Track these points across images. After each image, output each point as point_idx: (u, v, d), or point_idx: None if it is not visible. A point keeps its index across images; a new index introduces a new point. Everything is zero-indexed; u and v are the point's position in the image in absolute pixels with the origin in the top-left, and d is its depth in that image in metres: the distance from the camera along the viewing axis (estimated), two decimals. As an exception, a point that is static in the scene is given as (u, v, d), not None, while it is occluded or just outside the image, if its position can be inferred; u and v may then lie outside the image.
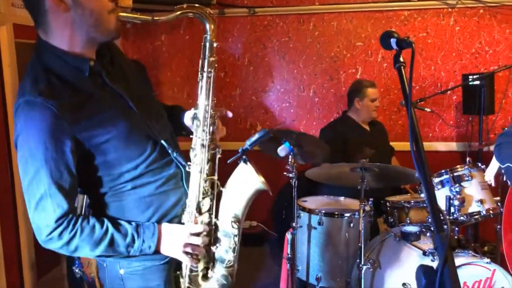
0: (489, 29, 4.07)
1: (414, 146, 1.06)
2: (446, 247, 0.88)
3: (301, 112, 4.43)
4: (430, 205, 0.97)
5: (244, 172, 1.54)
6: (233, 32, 4.37)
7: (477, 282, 2.40)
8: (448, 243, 0.90)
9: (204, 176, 1.51)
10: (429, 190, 0.98)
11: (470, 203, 2.59)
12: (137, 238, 1.42)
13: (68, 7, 1.31)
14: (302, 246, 3.01)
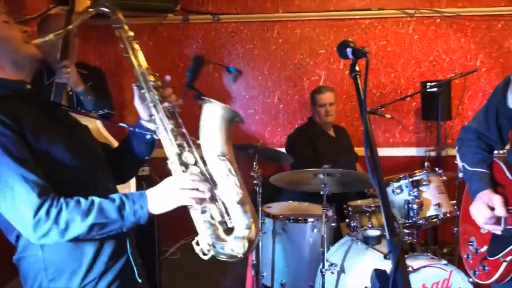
0: (446, 38, 4.23)
1: (369, 152, 1.09)
2: (398, 251, 0.91)
3: (266, 119, 4.46)
4: (384, 210, 1.00)
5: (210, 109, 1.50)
6: (198, 39, 4.37)
7: (435, 283, 2.47)
8: (400, 247, 0.93)
9: (172, 132, 1.47)
10: (383, 195, 1.01)
11: (428, 207, 2.67)
12: (126, 200, 1.36)
13: None
14: (267, 252, 3.03)
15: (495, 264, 1.64)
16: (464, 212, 1.89)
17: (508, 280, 1.64)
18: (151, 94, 1.49)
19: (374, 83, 4.31)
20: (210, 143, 1.48)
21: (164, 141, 1.48)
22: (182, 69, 4.39)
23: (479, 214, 1.64)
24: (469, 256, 1.80)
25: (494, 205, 1.60)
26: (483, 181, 1.69)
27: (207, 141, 1.49)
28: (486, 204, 1.62)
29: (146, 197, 1.37)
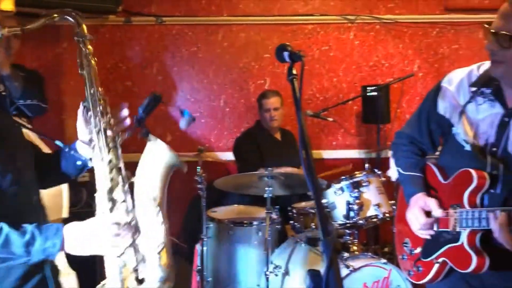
0: (385, 43, 4.39)
1: (304, 153, 1.10)
2: (331, 251, 0.92)
3: (212, 122, 4.43)
4: (318, 211, 1.01)
5: (154, 150, 1.47)
6: (140, 41, 4.28)
7: (376, 282, 2.55)
8: (333, 247, 0.94)
9: (108, 164, 1.41)
10: (317, 196, 1.03)
11: (368, 207, 2.74)
12: (38, 235, 1.28)
13: None
14: (212, 257, 3.01)
15: (429, 265, 1.70)
16: (399, 213, 1.95)
17: (441, 279, 1.71)
18: (97, 119, 1.42)
19: (318, 87, 4.39)
20: (145, 184, 1.44)
21: (97, 172, 1.42)
22: (125, 72, 4.29)
23: (415, 220, 1.68)
24: (404, 257, 1.85)
25: (430, 207, 1.65)
26: (416, 185, 1.74)
27: (142, 181, 1.45)
28: (421, 209, 1.67)
29: (62, 236, 1.30)
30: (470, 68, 1.68)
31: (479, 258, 1.51)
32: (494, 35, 1.45)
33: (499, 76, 1.53)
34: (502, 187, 1.54)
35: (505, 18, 1.44)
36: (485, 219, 1.47)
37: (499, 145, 1.55)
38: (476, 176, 1.54)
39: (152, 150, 1.47)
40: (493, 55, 1.50)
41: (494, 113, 1.58)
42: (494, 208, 1.45)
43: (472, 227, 1.52)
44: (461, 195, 1.57)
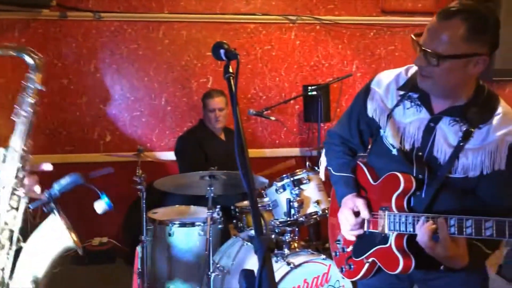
0: (325, 44, 4.48)
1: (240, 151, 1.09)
2: (264, 250, 0.92)
3: (153, 121, 4.34)
4: (252, 209, 1.01)
5: (53, 226, 1.40)
6: (77, 37, 4.11)
7: (316, 278, 2.59)
8: (267, 246, 0.94)
9: (2, 225, 1.35)
10: (252, 195, 1.02)
11: (308, 204, 2.78)
12: None
13: None
14: (153, 259, 2.94)
15: (359, 264, 1.73)
16: (331, 211, 1.98)
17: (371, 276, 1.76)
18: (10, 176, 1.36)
19: (260, 86, 4.42)
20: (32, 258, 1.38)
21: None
22: (60, 69, 4.10)
23: (346, 221, 1.70)
24: (337, 254, 1.88)
25: (359, 208, 1.68)
26: (347, 186, 1.76)
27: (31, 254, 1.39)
28: (351, 210, 1.69)
29: None
30: (398, 71, 1.70)
31: (405, 260, 1.54)
32: (423, 51, 1.45)
33: (427, 89, 1.55)
34: (426, 191, 1.58)
35: (432, 35, 1.44)
36: (411, 224, 1.50)
37: (425, 149, 1.58)
38: (403, 180, 1.56)
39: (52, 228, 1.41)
40: (421, 70, 1.51)
41: (420, 118, 1.60)
42: (420, 215, 1.48)
43: (398, 231, 1.55)
44: (389, 198, 1.60)
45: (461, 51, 1.41)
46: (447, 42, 1.40)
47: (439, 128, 1.57)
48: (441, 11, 1.44)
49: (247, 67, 4.37)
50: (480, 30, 1.41)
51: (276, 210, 2.90)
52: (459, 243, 1.43)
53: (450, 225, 1.40)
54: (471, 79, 1.53)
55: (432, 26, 1.45)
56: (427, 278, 1.70)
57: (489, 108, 1.54)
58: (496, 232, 1.31)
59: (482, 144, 1.51)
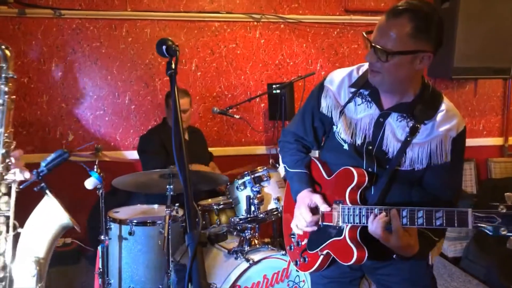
0: (289, 43, 4.52)
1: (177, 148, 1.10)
2: (195, 244, 0.94)
3: (117, 120, 4.30)
4: (186, 204, 1.02)
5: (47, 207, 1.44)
6: (37, 35, 4.03)
7: (276, 273, 2.62)
8: (198, 240, 0.95)
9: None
10: (187, 189, 1.03)
11: (268, 201, 2.81)
12: None
13: None
14: (114, 259, 2.92)
15: (314, 256, 1.77)
16: (286, 206, 2.01)
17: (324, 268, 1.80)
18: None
19: (226, 84, 4.42)
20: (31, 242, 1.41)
21: None
22: (20, 67, 4.01)
23: (302, 218, 1.74)
24: (292, 248, 1.92)
25: (316, 203, 1.72)
26: (302, 181, 1.81)
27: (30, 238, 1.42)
28: (307, 206, 1.73)
29: None
30: (350, 69, 1.76)
31: (359, 251, 1.60)
32: (373, 48, 1.51)
33: (377, 84, 1.62)
34: (377, 184, 1.65)
35: (382, 33, 1.50)
36: (364, 217, 1.55)
37: (375, 144, 1.65)
38: (356, 174, 1.63)
39: (46, 208, 1.44)
40: (371, 65, 1.57)
41: (371, 113, 1.67)
42: (373, 207, 1.54)
43: (352, 223, 1.60)
44: (343, 191, 1.65)
45: (407, 47, 1.48)
46: (395, 39, 1.47)
47: (388, 123, 1.64)
48: (390, 9, 1.50)
49: (212, 66, 4.37)
50: (425, 29, 1.48)
51: (237, 207, 2.92)
52: (411, 232, 1.50)
53: (402, 216, 1.46)
54: (417, 75, 1.61)
55: (381, 24, 1.51)
56: (376, 266, 1.75)
57: (434, 105, 1.62)
58: (445, 221, 1.37)
59: (427, 138, 1.60)
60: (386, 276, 1.77)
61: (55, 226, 1.45)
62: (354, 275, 1.87)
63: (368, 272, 1.84)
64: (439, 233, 1.61)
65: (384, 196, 1.64)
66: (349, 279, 1.88)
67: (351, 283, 1.88)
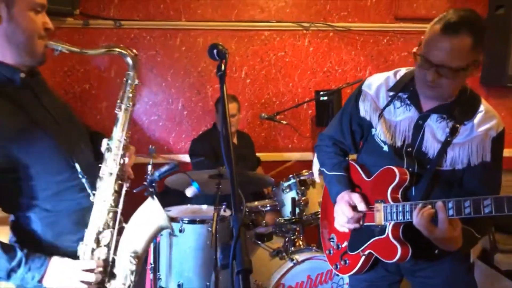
0: (338, 50, 4.56)
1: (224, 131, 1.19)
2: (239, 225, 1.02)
3: (170, 125, 4.50)
4: (232, 189, 1.11)
5: (150, 208, 1.57)
6: (99, 44, 4.29)
7: (319, 274, 2.67)
8: (241, 222, 1.04)
9: (108, 207, 1.51)
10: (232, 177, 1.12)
11: (313, 204, 2.87)
12: (23, 265, 1.38)
13: (1, 20, 1.38)
14: (164, 255, 3.06)
15: (355, 258, 1.81)
16: (323, 211, 2.06)
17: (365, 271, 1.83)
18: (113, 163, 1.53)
19: (274, 91, 4.53)
20: (133, 236, 1.54)
21: (95, 209, 1.52)
22: (82, 74, 4.31)
23: (342, 214, 1.79)
24: (331, 252, 1.96)
25: (355, 202, 1.76)
26: (341, 184, 1.85)
27: (131, 232, 1.54)
28: (348, 203, 1.78)
29: (44, 270, 1.40)
30: (387, 74, 1.82)
31: (403, 248, 1.63)
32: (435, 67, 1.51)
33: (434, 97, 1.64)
34: (419, 184, 1.68)
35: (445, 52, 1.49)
36: (408, 213, 1.59)
37: (414, 145, 1.69)
38: (399, 172, 1.66)
39: (150, 209, 1.58)
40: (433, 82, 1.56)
41: (410, 116, 1.71)
42: (416, 202, 1.57)
43: (396, 221, 1.64)
44: (384, 191, 1.69)
45: (469, 61, 1.51)
46: (460, 57, 1.49)
47: (428, 125, 1.67)
48: (446, 26, 1.49)
49: (261, 73, 4.49)
50: (481, 39, 1.51)
51: (283, 209, 2.99)
52: (455, 225, 1.51)
53: (449, 208, 1.49)
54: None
55: (441, 42, 1.50)
56: (415, 268, 1.77)
57: (472, 106, 1.66)
58: (495, 208, 1.37)
59: (467, 138, 1.63)
60: (425, 278, 1.78)
61: (155, 226, 1.57)
62: (392, 278, 1.88)
63: (407, 274, 1.85)
64: (482, 230, 1.62)
65: (425, 196, 1.66)
66: (387, 282, 1.89)
67: (390, 286, 1.89)
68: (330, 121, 2.01)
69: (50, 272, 1.41)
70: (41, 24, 1.44)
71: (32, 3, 1.41)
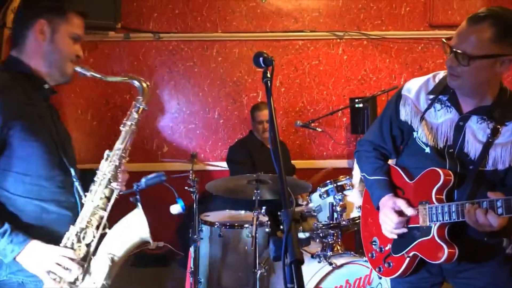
0: (372, 58, 4.59)
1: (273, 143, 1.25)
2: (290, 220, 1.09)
3: (206, 133, 4.61)
4: (281, 186, 1.17)
5: (135, 220, 1.65)
6: (139, 56, 4.48)
7: (358, 279, 2.68)
8: (292, 216, 1.10)
9: (94, 207, 1.62)
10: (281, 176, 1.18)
11: (351, 209, 2.89)
12: (7, 236, 1.45)
13: (45, 39, 1.62)
14: (204, 259, 3.14)
15: (399, 260, 1.82)
16: (364, 215, 2.08)
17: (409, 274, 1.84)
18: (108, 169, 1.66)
19: (308, 99, 4.59)
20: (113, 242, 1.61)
21: (84, 210, 1.62)
22: (124, 85, 4.47)
23: (389, 220, 1.80)
24: (373, 255, 1.97)
25: (401, 207, 1.78)
26: (383, 187, 1.87)
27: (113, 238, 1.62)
28: (392, 209, 1.79)
29: (24, 247, 1.47)
30: (426, 78, 1.85)
31: (449, 248, 1.63)
32: (454, 53, 1.59)
33: (456, 87, 1.70)
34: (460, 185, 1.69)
35: (462, 38, 1.58)
36: (455, 213, 1.60)
37: (456, 146, 1.72)
38: (443, 174, 1.68)
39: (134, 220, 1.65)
40: (451, 69, 1.65)
41: (450, 117, 1.74)
42: (463, 202, 1.58)
43: (442, 221, 1.65)
44: (429, 192, 1.70)
45: (489, 51, 1.55)
46: (476, 44, 1.55)
47: (468, 126, 1.70)
48: (471, 16, 1.58)
49: (295, 82, 4.56)
50: (506, 34, 1.54)
51: (320, 215, 3.03)
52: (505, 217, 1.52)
53: (498, 207, 1.50)
54: (496, 78, 1.67)
55: (462, 29, 1.60)
56: (458, 270, 1.77)
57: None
58: None
59: (510, 139, 1.66)
60: (468, 279, 1.78)
61: (136, 237, 1.64)
62: (434, 280, 1.88)
63: (450, 276, 1.85)
64: None
65: (470, 196, 1.67)
66: (429, 284, 1.89)
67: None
68: (369, 127, 2.04)
69: (29, 250, 1.47)
70: (74, 51, 1.67)
71: (72, 33, 1.65)
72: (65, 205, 1.61)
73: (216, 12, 4.48)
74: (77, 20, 1.68)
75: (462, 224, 1.63)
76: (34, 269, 1.50)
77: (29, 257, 1.48)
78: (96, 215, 1.62)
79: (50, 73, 1.65)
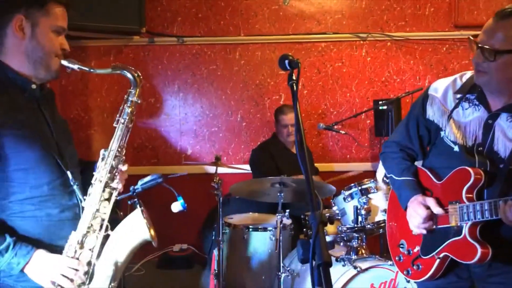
0: (396, 60, 4.54)
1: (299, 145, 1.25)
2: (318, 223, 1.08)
3: (229, 136, 4.63)
4: (309, 191, 1.17)
5: (136, 221, 1.64)
6: (163, 60, 4.54)
7: (383, 283, 2.65)
8: (320, 219, 1.10)
9: (94, 211, 1.59)
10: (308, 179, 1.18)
11: (376, 213, 2.86)
12: (11, 249, 1.44)
13: (25, 36, 1.52)
14: (228, 261, 3.16)
15: (429, 262, 1.79)
16: (390, 217, 2.06)
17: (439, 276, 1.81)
18: (104, 171, 1.63)
19: (331, 102, 4.56)
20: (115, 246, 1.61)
21: (84, 214, 1.60)
22: (148, 89, 4.54)
23: (416, 214, 1.77)
24: (401, 258, 1.94)
25: (430, 205, 1.76)
26: (412, 188, 1.85)
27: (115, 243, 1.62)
28: (421, 204, 1.77)
29: (30, 259, 1.46)
30: (453, 78, 1.84)
31: (483, 248, 1.60)
32: (480, 49, 1.59)
33: (483, 84, 1.68)
34: (491, 183, 1.66)
35: (489, 34, 1.58)
36: (487, 211, 1.57)
37: (485, 144, 1.70)
38: (473, 173, 1.66)
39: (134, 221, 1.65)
40: (477, 66, 1.64)
41: (479, 116, 1.72)
42: (496, 200, 1.56)
43: (474, 220, 1.62)
44: (459, 191, 1.68)
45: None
46: (503, 39, 1.55)
47: (498, 124, 1.68)
48: (498, 12, 1.58)
49: (318, 84, 4.55)
50: None
51: (344, 218, 3.00)
52: None
53: None
54: None
55: (489, 26, 1.60)
56: (489, 274, 1.74)
57: None
58: None
59: None
60: (498, 284, 1.74)
61: (137, 239, 1.64)
62: (463, 285, 1.84)
63: (479, 280, 1.81)
64: None
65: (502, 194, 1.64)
66: None
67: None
68: (394, 129, 2.02)
69: (34, 261, 1.46)
70: (59, 45, 1.57)
71: (54, 26, 1.55)
72: (66, 208, 1.60)
73: (238, 15, 4.51)
74: (58, 11, 1.56)
75: (493, 225, 1.60)
76: (39, 280, 1.49)
77: (35, 267, 1.48)
78: (97, 219, 1.60)
79: (36, 72, 1.56)
